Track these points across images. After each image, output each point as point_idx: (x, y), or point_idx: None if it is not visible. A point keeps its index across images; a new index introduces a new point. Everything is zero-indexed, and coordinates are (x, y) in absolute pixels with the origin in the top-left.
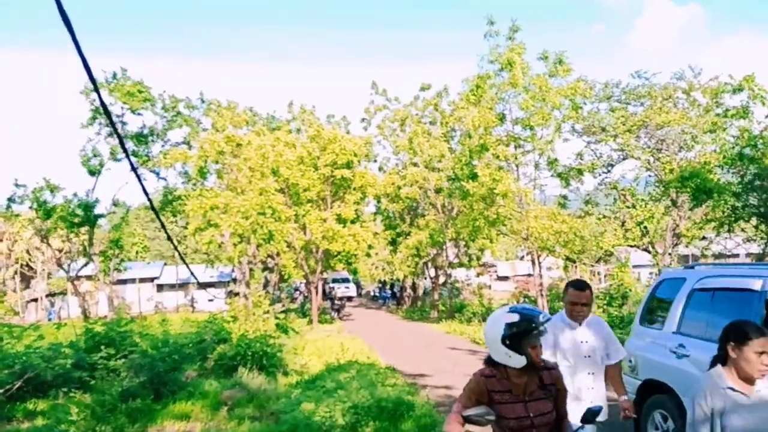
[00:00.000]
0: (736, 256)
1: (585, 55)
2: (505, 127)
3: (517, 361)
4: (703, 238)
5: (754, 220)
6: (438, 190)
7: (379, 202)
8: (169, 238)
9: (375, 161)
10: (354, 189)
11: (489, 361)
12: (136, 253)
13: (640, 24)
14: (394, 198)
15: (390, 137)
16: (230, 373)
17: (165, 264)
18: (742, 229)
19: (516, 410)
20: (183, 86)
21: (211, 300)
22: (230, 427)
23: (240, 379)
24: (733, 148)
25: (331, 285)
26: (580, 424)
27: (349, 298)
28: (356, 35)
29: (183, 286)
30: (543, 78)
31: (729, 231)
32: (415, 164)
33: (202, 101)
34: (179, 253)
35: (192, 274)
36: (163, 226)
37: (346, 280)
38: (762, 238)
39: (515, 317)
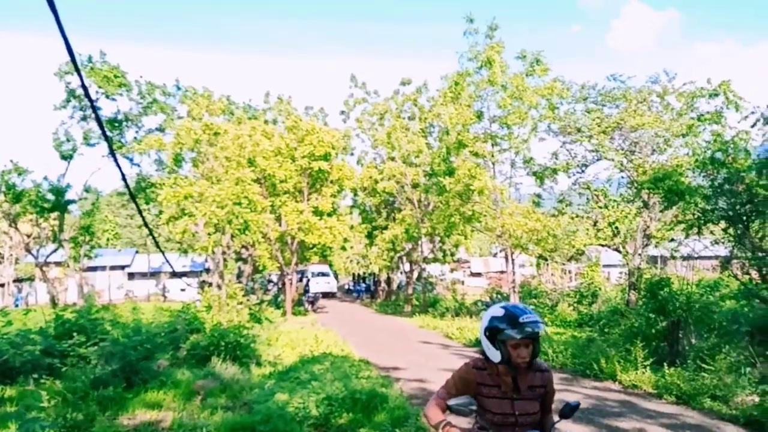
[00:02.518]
0: (709, 258)
1: (562, 55)
2: (482, 124)
3: (493, 355)
4: (672, 239)
5: (722, 224)
6: (415, 185)
7: (356, 195)
8: (145, 224)
9: (353, 154)
10: (331, 182)
11: (484, 353)
12: (107, 240)
13: (616, 26)
14: (371, 192)
15: (369, 131)
16: (203, 363)
17: (137, 252)
18: (711, 232)
19: (502, 406)
20: (159, 73)
21: (183, 289)
22: (203, 416)
23: (213, 369)
24: (705, 152)
25: (309, 278)
26: (557, 419)
27: (330, 294)
28: (337, 27)
29: (154, 274)
30: (520, 77)
31: (698, 233)
32: (392, 159)
33: (178, 88)
34: (155, 240)
35: (167, 261)
36: (139, 211)
37: (326, 274)
38: (729, 241)
39: (500, 312)
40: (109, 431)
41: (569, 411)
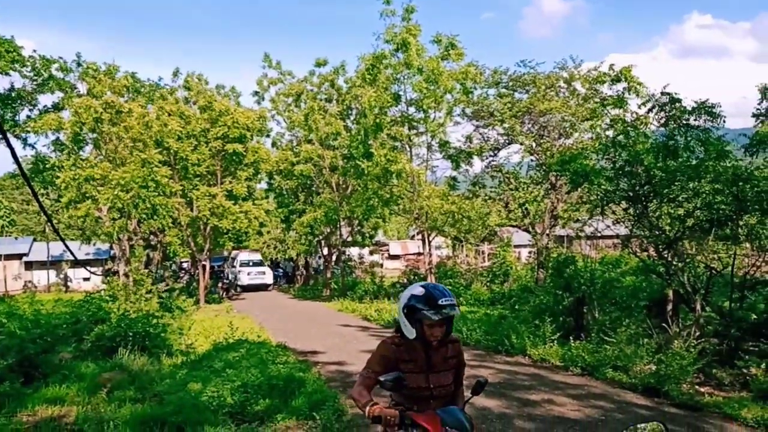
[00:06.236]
0: (611, 237)
1: (476, 40)
2: (399, 108)
3: (409, 332)
4: (577, 220)
5: (623, 204)
6: (333, 168)
7: (271, 178)
8: (42, 209)
9: (268, 136)
10: (246, 165)
11: (398, 330)
12: (2, 227)
13: (528, 13)
14: (288, 175)
15: (285, 112)
16: (109, 355)
17: (34, 240)
18: (613, 212)
19: (418, 380)
20: (58, 51)
21: (87, 278)
22: (109, 410)
23: (120, 360)
24: (607, 136)
25: (236, 267)
26: (470, 395)
27: (264, 287)
28: (249, 4)
29: (55, 263)
30: (436, 60)
31: (601, 213)
32: (310, 141)
33: (78, 64)
34: (53, 227)
35: (68, 249)
36: (35, 196)
37: (259, 264)
38: (629, 220)
39: (420, 291)
40: (6, 429)
41: (480, 387)
